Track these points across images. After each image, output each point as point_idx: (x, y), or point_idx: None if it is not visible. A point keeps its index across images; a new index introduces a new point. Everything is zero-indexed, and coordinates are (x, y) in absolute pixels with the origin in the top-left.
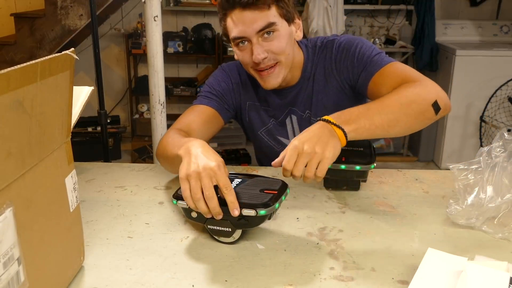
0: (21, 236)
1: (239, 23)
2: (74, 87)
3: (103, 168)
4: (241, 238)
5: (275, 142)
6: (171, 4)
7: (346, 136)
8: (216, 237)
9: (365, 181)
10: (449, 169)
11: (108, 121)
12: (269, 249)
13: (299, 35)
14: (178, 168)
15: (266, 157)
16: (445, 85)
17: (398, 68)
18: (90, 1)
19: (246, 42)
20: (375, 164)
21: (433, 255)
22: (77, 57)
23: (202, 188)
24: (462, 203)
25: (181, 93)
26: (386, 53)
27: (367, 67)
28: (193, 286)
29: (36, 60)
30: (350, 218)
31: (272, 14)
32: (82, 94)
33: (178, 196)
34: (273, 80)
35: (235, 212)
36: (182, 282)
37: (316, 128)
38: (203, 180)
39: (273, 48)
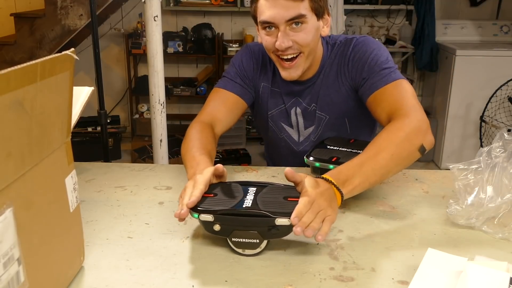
0: (21, 236)
1: (271, 8)
2: (74, 87)
3: (103, 168)
4: (265, 248)
5: (278, 129)
6: (171, 4)
7: (342, 199)
8: (238, 250)
9: None
10: (449, 169)
11: (108, 121)
12: (269, 249)
13: (326, 31)
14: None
15: (271, 145)
16: (445, 85)
17: (398, 92)
18: (90, 1)
19: (273, 28)
20: None
21: (433, 255)
22: (77, 57)
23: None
24: (462, 203)
25: (181, 93)
26: None
27: (374, 78)
28: (193, 286)
29: (36, 60)
30: (350, 218)
31: (304, 7)
32: (82, 94)
33: (199, 210)
34: (293, 72)
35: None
36: (182, 282)
37: (326, 187)
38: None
39: (299, 39)
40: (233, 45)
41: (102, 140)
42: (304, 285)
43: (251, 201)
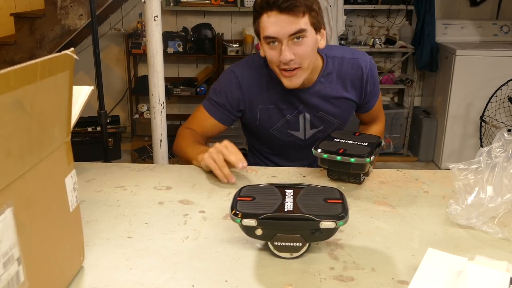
0: (21, 236)
1: (274, 24)
2: (74, 87)
3: (103, 168)
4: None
5: (285, 136)
6: (171, 4)
7: None
8: (280, 254)
9: (367, 174)
10: (449, 169)
11: (108, 121)
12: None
13: (323, 43)
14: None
15: (271, 149)
16: (445, 85)
17: (379, 105)
18: (90, 1)
19: (276, 42)
20: (370, 159)
21: (433, 255)
22: (77, 57)
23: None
24: (462, 203)
25: (181, 93)
26: (386, 53)
27: (374, 98)
28: (193, 286)
29: (36, 60)
30: (350, 218)
31: (304, 22)
32: (82, 94)
33: (241, 215)
34: (294, 81)
35: (240, 165)
36: (182, 282)
37: None
38: (217, 155)
39: (300, 52)
40: (233, 45)
41: (102, 140)
42: (304, 285)
43: (292, 204)
